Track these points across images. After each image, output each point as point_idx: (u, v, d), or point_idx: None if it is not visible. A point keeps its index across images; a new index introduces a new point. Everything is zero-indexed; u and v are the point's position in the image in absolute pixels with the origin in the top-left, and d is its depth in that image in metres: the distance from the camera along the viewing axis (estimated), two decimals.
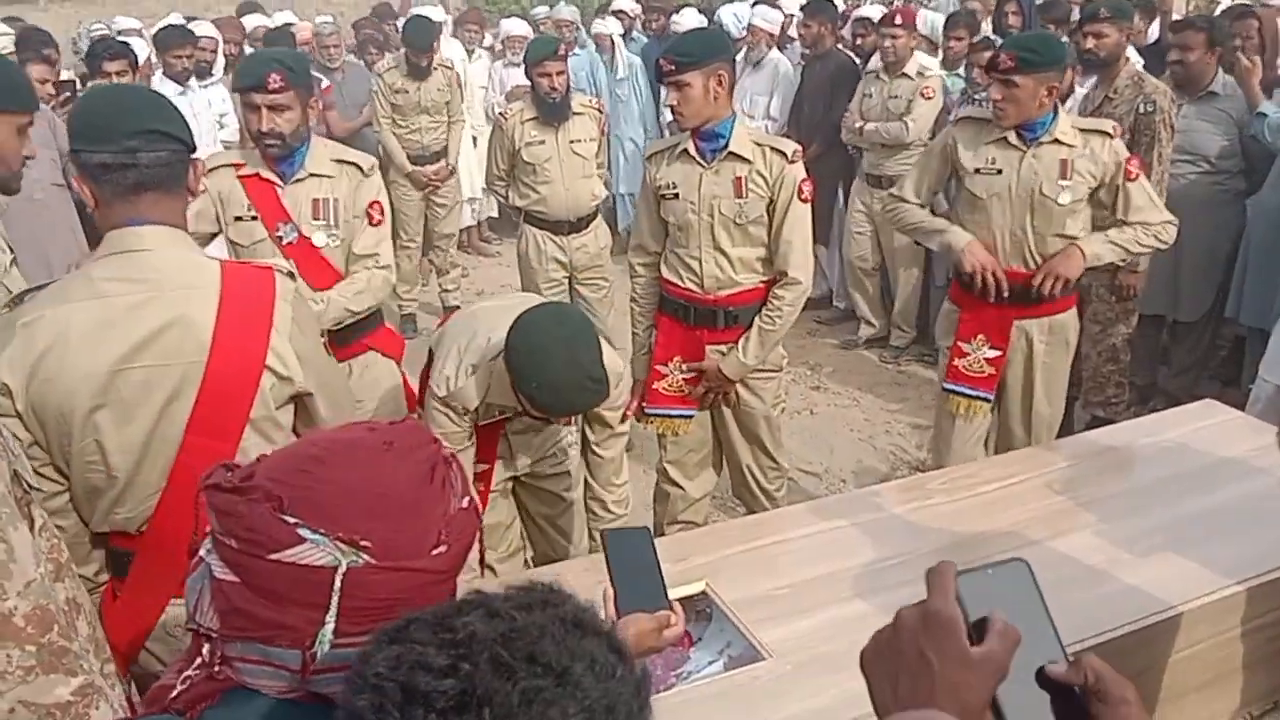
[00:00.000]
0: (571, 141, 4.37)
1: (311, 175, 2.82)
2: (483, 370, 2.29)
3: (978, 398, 3.11)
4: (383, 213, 2.91)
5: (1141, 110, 3.88)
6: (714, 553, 2.26)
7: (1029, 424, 3.15)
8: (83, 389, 1.63)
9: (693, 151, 2.91)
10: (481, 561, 2.16)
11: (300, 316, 1.83)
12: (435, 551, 1.00)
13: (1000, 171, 3.01)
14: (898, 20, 5.15)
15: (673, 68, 2.76)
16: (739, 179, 2.87)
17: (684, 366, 3.03)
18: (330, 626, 0.95)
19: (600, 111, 4.64)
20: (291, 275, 1.91)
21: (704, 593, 2.15)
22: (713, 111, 2.81)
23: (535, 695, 0.72)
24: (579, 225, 4.47)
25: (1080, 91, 4.36)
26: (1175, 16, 5.71)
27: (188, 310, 1.69)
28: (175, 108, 1.82)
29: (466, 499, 1.07)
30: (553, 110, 4.30)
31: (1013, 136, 3.00)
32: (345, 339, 2.87)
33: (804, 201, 2.89)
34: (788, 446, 3.36)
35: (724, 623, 2.07)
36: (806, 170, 2.96)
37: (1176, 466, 2.57)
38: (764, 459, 3.14)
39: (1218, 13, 5.33)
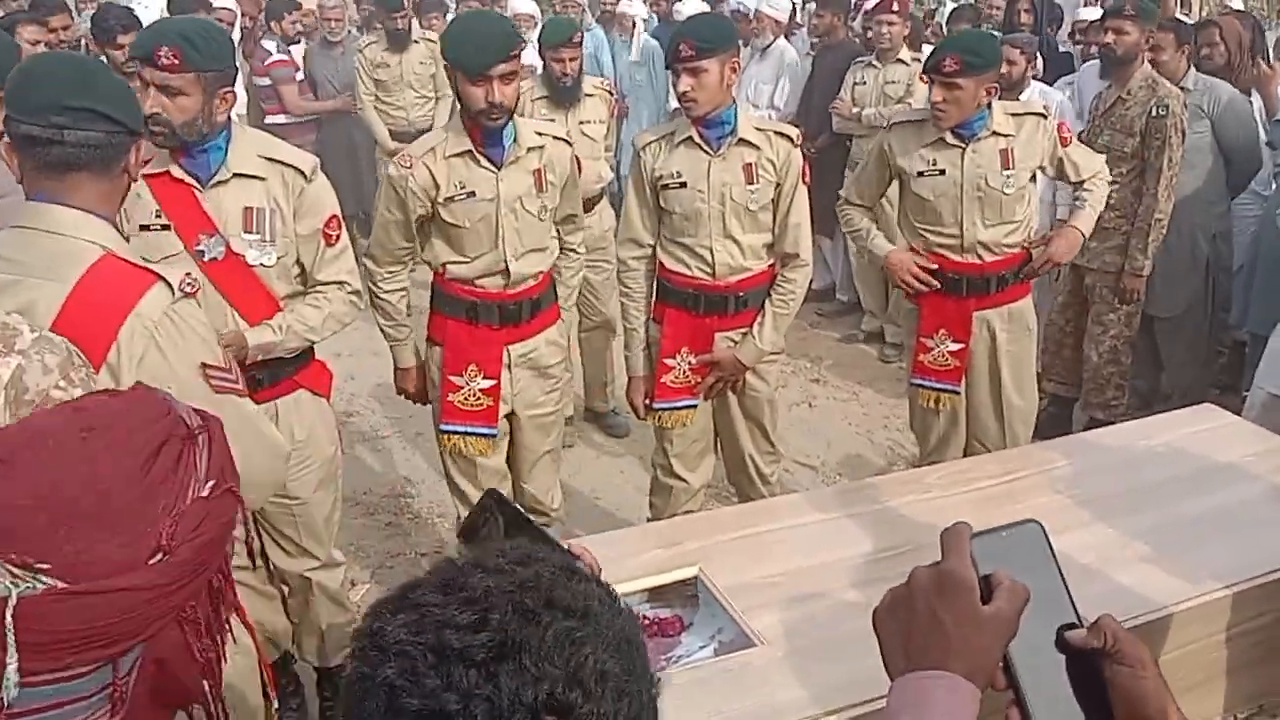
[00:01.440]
0: (581, 123, 4.34)
1: (237, 176, 2.34)
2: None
3: (945, 390, 3.20)
4: (340, 226, 2.52)
5: (1154, 113, 3.89)
6: (708, 538, 2.26)
7: (1000, 414, 3.21)
8: None
9: (697, 139, 2.90)
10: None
11: (167, 339, 1.60)
12: (153, 560, 0.85)
13: (943, 171, 3.08)
14: (894, 7, 5.17)
15: (693, 53, 2.73)
16: (749, 165, 2.87)
17: (691, 358, 3.03)
18: (12, 667, 0.81)
19: (610, 93, 4.62)
20: (186, 290, 1.66)
21: (696, 578, 2.15)
22: (723, 99, 2.81)
23: (566, 636, 0.73)
24: (584, 207, 4.44)
25: (1089, 90, 4.36)
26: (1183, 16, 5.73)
27: (36, 300, 1.55)
28: (122, 84, 1.72)
29: (212, 483, 0.92)
30: (565, 93, 4.28)
31: (950, 136, 3.06)
32: (274, 375, 2.46)
33: (805, 184, 2.95)
34: (785, 438, 3.37)
35: (715, 608, 2.07)
36: (810, 160, 3.02)
37: (1174, 469, 2.57)
38: (764, 444, 3.15)
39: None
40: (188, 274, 1.67)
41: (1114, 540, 2.26)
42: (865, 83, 5.27)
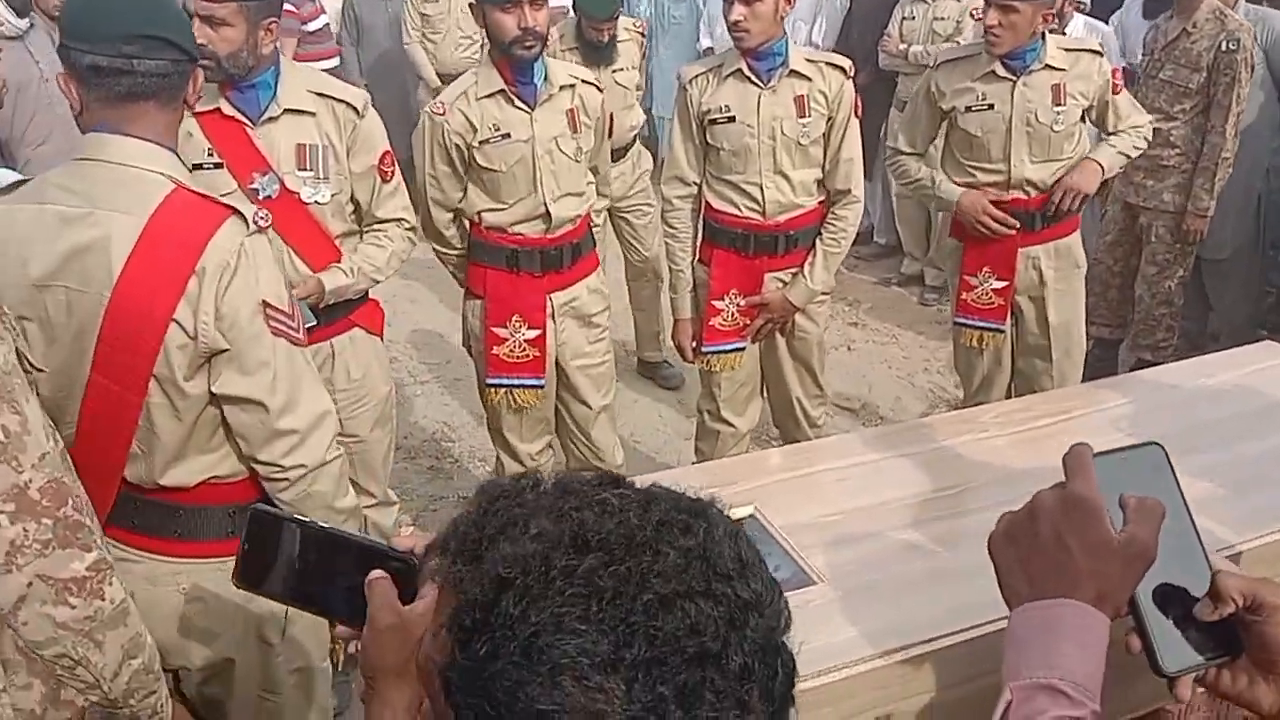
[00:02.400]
0: (614, 71, 4.27)
1: (288, 112, 2.32)
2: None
3: (989, 329, 3.13)
4: (394, 163, 2.51)
5: (1224, 48, 3.75)
6: (758, 478, 2.23)
7: (1048, 354, 3.15)
8: (11, 297, 1.53)
9: (747, 72, 2.83)
10: None
11: (241, 273, 1.58)
12: None
13: (992, 106, 2.98)
14: None
15: None
16: (800, 98, 2.81)
17: (740, 300, 2.99)
18: None
19: (643, 35, 4.53)
20: (259, 224, 1.65)
21: (752, 516, 2.13)
22: (775, 30, 2.74)
23: (688, 529, 0.71)
24: (616, 156, 4.35)
25: (1145, 25, 4.22)
26: None
27: (110, 233, 1.55)
28: (181, 10, 1.70)
29: None
30: (599, 51, 4.18)
31: (1000, 69, 2.96)
32: (331, 314, 2.45)
33: (857, 118, 2.88)
34: (825, 382, 3.33)
35: (772, 546, 2.05)
36: None
37: (1235, 407, 2.50)
38: (811, 386, 3.12)
39: None
40: (260, 209, 1.66)
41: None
42: (914, 18, 5.14)
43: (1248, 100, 3.84)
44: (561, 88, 2.71)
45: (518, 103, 2.65)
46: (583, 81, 2.78)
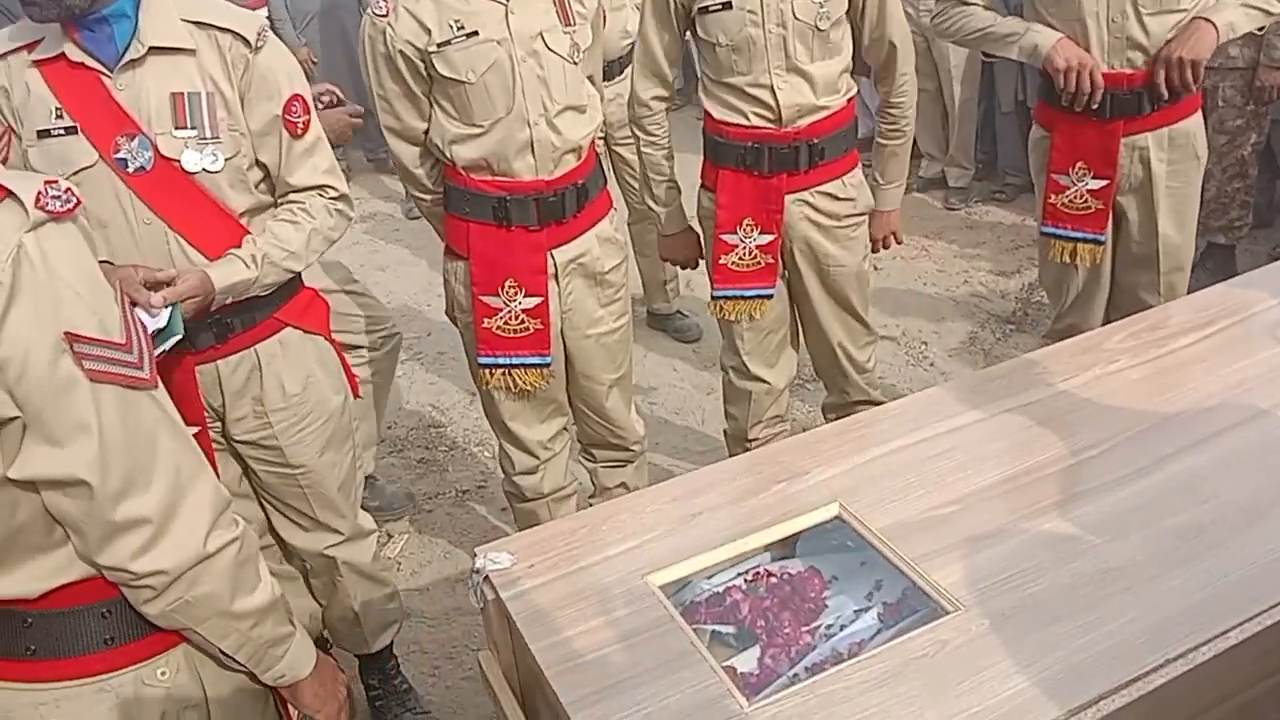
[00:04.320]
0: None
1: (155, 52, 1.71)
2: None
3: (1085, 240, 2.52)
4: (309, 110, 1.86)
5: None
6: (834, 464, 1.70)
7: (1155, 264, 2.54)
8: None
9: None
10: None
11: (29, 293, 1.02)
12: None
13: None
14: None
15: None
16: None
17: (758, 233, 2.43)
18: None
19: None
20: (52, 209, 1.05)
21: (838, 519, 1.60)
22: None
23: None
24: (609, 71, 3.55)
25: None
26: None
27: None
28: None
29: None
30: None
31: None
32: (249, 315, 1.87)
33: None
34: None
35: (874, 559, 1.53)
36: None
37: None
38: (856, 326, 2.58)
39: None
40: (52, 180, 1.06)
41: None
42: None
43: None
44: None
45: None
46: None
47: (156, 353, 1.30)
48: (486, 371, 2.29)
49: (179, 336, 1.61)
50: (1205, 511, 1.48)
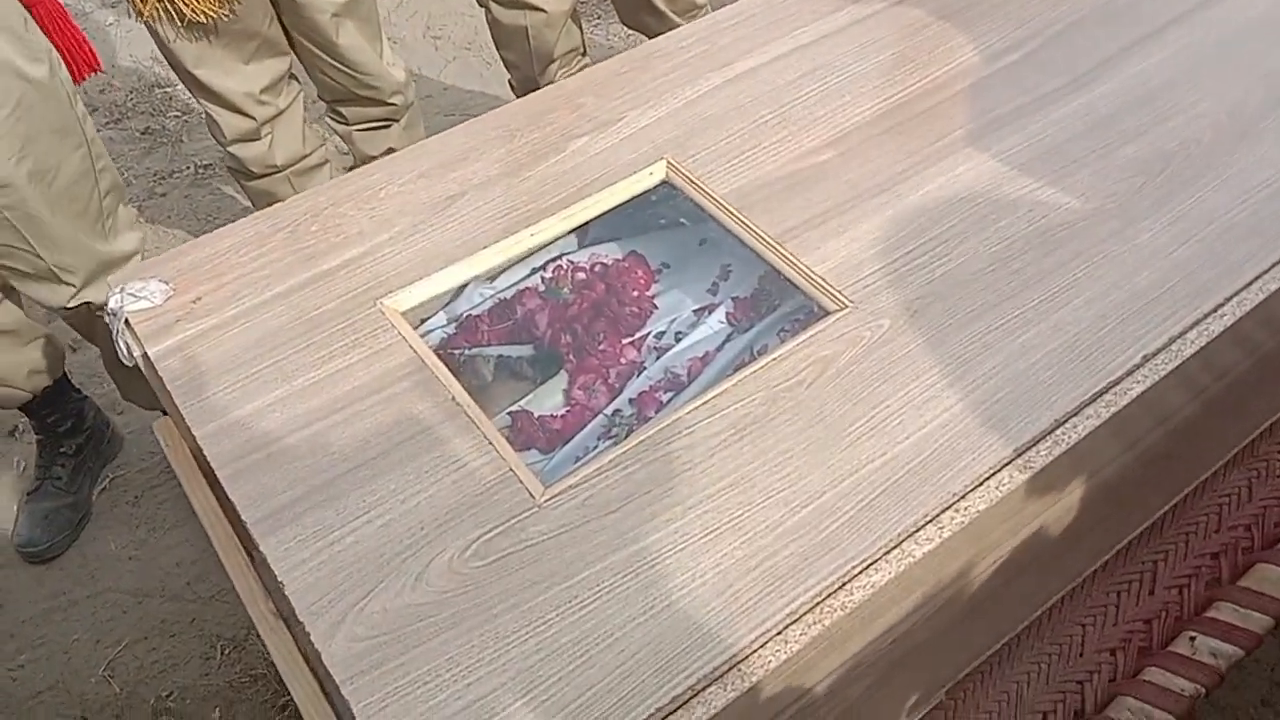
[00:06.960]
0: None
1: None
2: None
3: None
4: None
5: None
6: (660, 101, 1.18)
7: None
8: None
9: None
10: None
11: None
12: None
13: None
14: None
15: None
16: None
17: None
18: None
19: None
20: None
21: (666, 183, 1.11)
22: None
23: None
24: None
25: None
26: None
27: None
28: None
29: None
30: None
31: None
32: None
33: None
34: None
35: (720, 236, 1.07)
36: None
37: None
38: None
39: None
40: None
41: None
42: None
43: None
44: None
45: None
46: None
47: None
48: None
49: None
50: (1170, 132, 1.06)
